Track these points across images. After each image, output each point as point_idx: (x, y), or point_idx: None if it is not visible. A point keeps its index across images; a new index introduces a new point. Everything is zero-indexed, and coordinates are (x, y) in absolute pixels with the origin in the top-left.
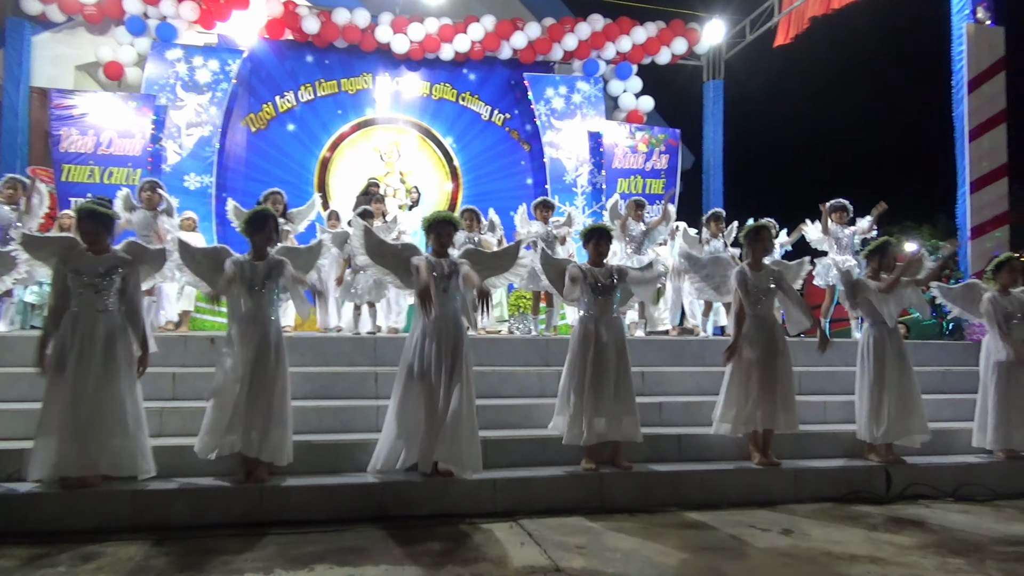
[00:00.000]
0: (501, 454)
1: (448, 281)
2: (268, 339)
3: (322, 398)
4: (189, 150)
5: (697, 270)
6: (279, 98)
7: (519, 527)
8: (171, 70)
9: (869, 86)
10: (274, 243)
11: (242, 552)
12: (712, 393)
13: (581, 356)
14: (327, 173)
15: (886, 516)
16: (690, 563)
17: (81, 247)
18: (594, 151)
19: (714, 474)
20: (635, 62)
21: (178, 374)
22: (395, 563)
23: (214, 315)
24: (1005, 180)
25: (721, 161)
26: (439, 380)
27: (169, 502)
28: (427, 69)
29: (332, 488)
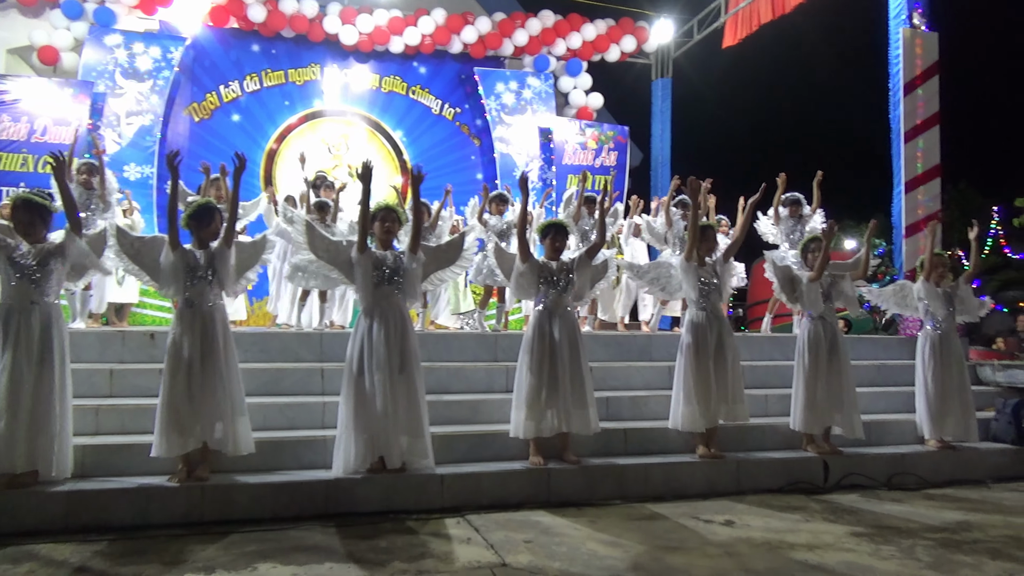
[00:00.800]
0: (449, 450)
1: (394, 273)
2: (214, 328)
3: (267, 395)
4: (129, 139)
5: (641, 277)
6: (224, 88)
7: (466, 522)
8: (110, 56)
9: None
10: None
11: (183, 552)
12: (658, 388)
13: (535, 350)
14: (274, 165)
15: (824, 505)
16: (635, 555)
17: (16, 237)
18: (544, 147)
19: (659, 467)
20: (585, 59)
21: (116, 370)
22: (340, 561)
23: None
24: (938, 180)
25: (669, 158)
26: (389, 375)
27: (107, 502)
28: (376, 61)
29: (277, 486)
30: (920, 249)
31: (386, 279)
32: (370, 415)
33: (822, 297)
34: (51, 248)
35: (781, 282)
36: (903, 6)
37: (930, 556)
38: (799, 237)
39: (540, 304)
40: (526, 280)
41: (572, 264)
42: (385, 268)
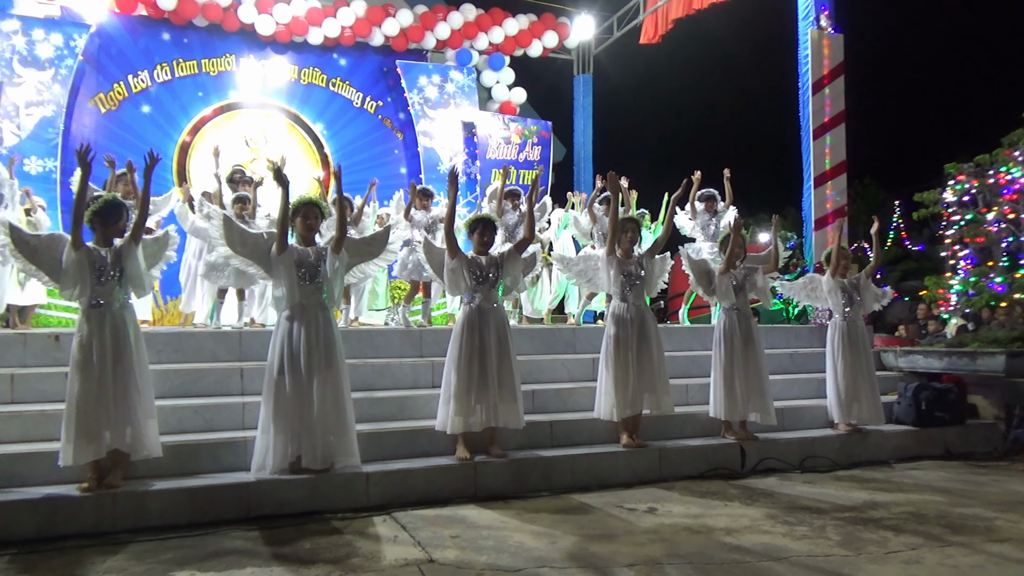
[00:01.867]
0: (375, 448)
1: (316, 270)
2: (124, 329)
3: (182, 396)
4: (29, 131)
5: (570, 268)
6: (132, 77)
7: (393, 520)
8: (7, 43)
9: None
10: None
11: (94, 563)
12: (582, 380)
13: (464, 345)
14: (187, 158)
15: (741, 490)
16: (562, 545)
17: None
18: (468, 141)
19: (584, 458)
20: (507, 54)
21: (17, 375)
22: (263, 565)
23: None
24: (844, 176)
25: (591, 153)
26: (312, 373)
27: (9, 514)
28: (295, 53)
29: (194, 490)
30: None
31: (308, 277)
32: (291, 414)
33: (735, 289)
34: None
35: (697, 275)
36: (811, 8)
37: (839, 535)
38: (715, 231)
39: (469, 299)
40: (457, 275)
41: (501, 259)
42: (307, 266)
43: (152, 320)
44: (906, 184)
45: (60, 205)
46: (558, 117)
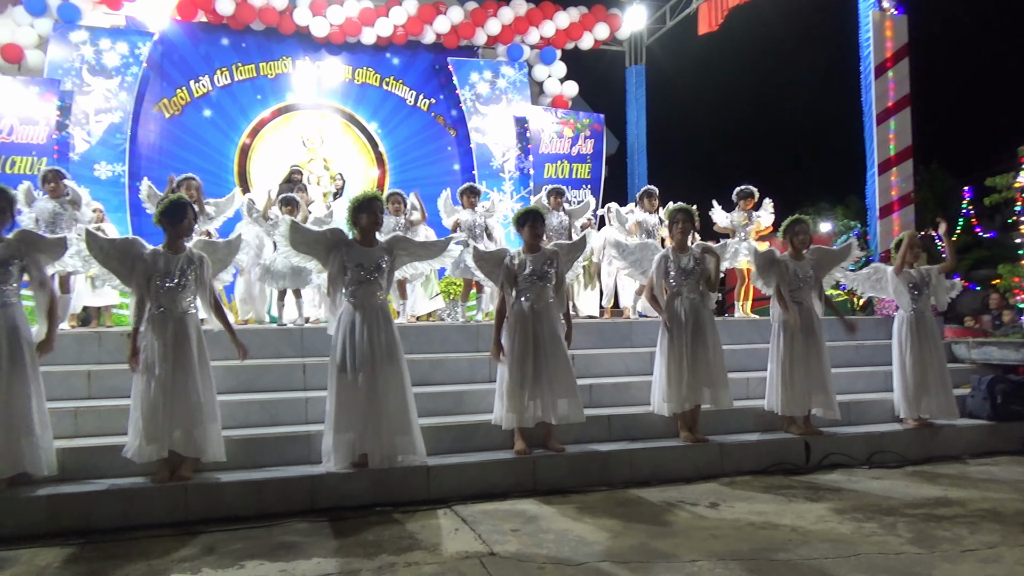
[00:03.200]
0: (434, 441)
1: (377, 267)
2: (187, 334)
3: (248, 392)
4: (99, 137)
5: (625, 256)
6: (194, 82)
7: (453, 513)
8: (76, 53)
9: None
10: (191, 234)
11: (168, 553)
12: (639, 373)
13: (517, 341)
14: (247, 160)
15: (806, 485)
16: (622, 539)
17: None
18: (521, 136)
19: (643, 452)
20: (559, 47)
21: (93, 372)
22: (328, 556)
23: None
24: (910, 162)
25: (645, 145)
26: (375, 369)
27: (89, 505)
28: (349, 53)
29: (261, 483)
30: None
31: (369, 273)
32: (356, 411)
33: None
34: (13, 248)
35: (760, 267)
36: None
37: (911, 532)
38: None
39: (520, 295)
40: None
41: (552, 255)
42: (367, 262)
43: None
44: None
45: (129, 208)
46: (610, 109)
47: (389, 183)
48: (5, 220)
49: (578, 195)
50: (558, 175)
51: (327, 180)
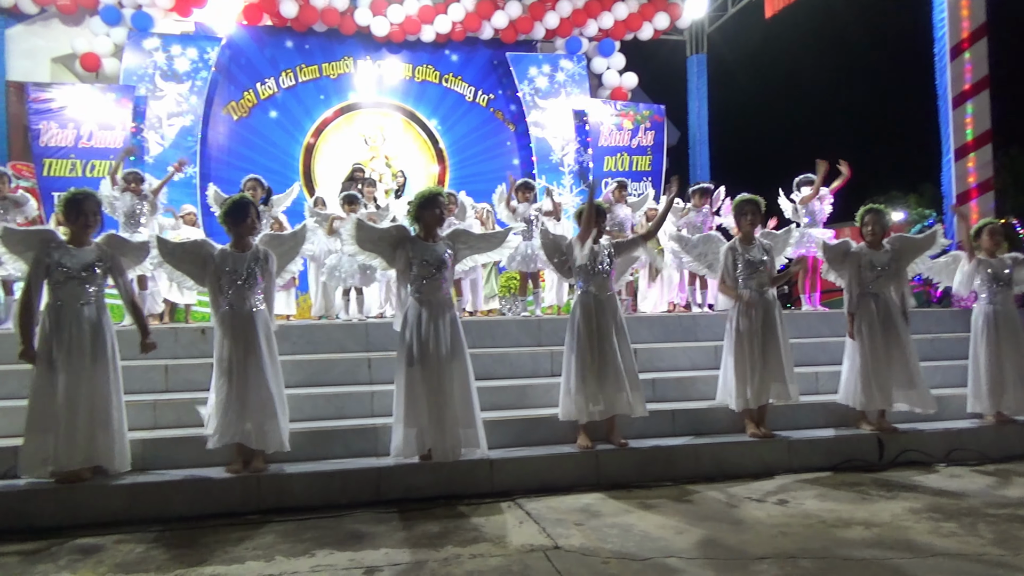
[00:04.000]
0: (497, 435)
1: (440, 263)
2: (255, 330)
3: (315, 385)
4: (171, 140)
5: (688, 250)
6: (260, 85)
7: (517, 506)
8: (149, 60)
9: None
10: (256, 232)
11: (242, 541)
12: (704, 368)
13: (581, 334)
14: (312, 159)
15: (879, 483)
16: (688, 535)
17: (60, 240)
18: (580, 129)
19: (709, 447)
20: (617, 39)
21: (170, 366)
22: (395, 546)
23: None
24: (989, 147)
25: (707, 135)
26: (440, 363)
27: (167, 494)
28: (408, 51)
29: (329, 474)
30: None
31: (433, 268)
32: (422, 405)
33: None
34: (99, 250)
35: (831, 259)
36: None
37: (993, 533)
38: (821, 216)
39: (583, 288)
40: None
41: (616, 248)
42: (431, 257)
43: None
44: None
45: (200, 208)
46: (671, 100)
47: (449, 179)
48: (93, 224)
49: (639, 188)
50: (618, 168)
51: (389, 177)
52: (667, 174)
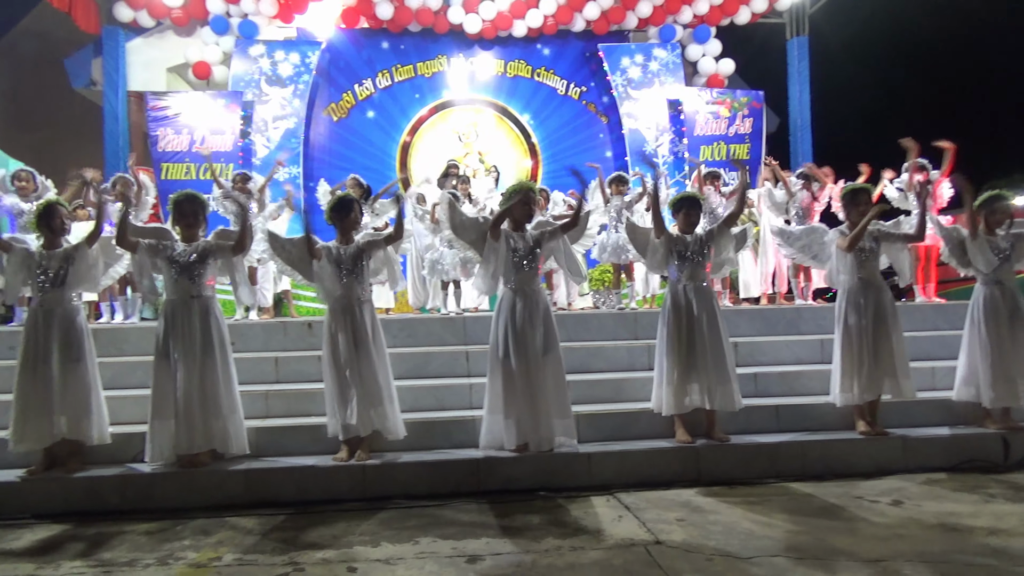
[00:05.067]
0: (593, 429)
1: (531, 254)
2: (364, 321)
3: (416, 377)
4: (276, 142)
5: (791, 243)
6: (358, 86)
7: (616, 500)
8: (255, 66)
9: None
10: (359, 228)
11: (350, 527)
12: (809, 362)
13: (673, 326)
14: (408, 157)
15: (1005, 485)
16: (795, 535)
17: (173, 237)
18: (674, 119)
19: (816, 444)
20: (713, 24)
21: (280, 358)
22: (495, 536)
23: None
24: None
25: (809, 121)
26: (534, 355)
27: (280, 479)
28: (500, 47)
29: (432, 464)
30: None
31: (525, 262)
32: (516, 397)
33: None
34: (207, 246)
35: (950, 245)
36: None
37: None
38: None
39: (675, 278)
40: (660, 254)
41: (707, 237)
42: (523, 250)
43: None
44: None
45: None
46: (770, 86)
47: (542, 173)
48: (200, 223)
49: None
50: (714, 157)
51: (482, 173)
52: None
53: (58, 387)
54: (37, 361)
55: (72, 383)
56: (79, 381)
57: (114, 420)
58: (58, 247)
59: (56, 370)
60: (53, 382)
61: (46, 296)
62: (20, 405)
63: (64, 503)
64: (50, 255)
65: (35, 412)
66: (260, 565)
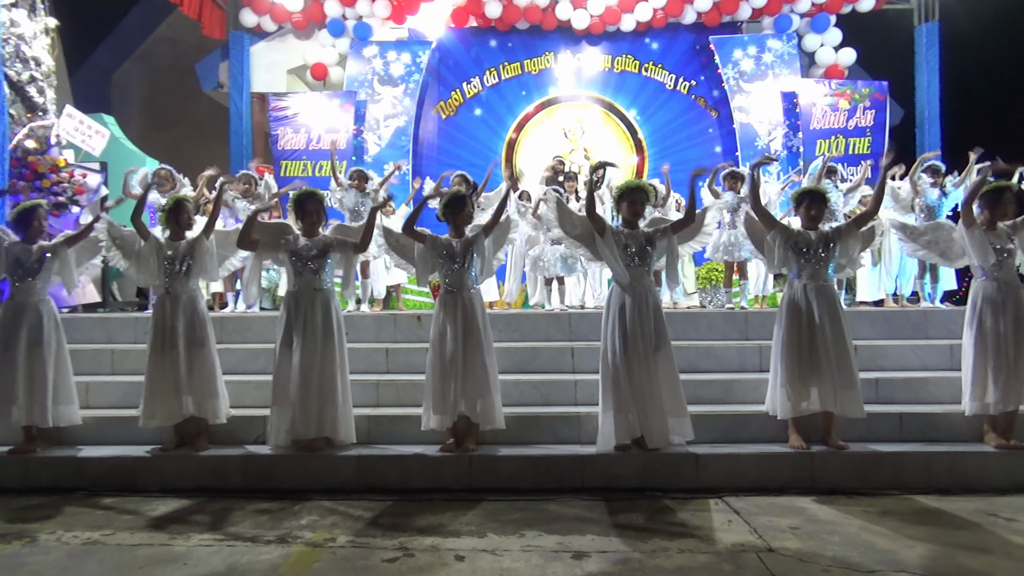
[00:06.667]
0: (703, 430)
1: (642, 252)
2: (474, 311)
3: (521, 372)
4: (387, 141)
5: (915, 239)
6: (466, 84)
7: (725, 504)
8: (368, 66)
9: None
10: (471, 221)
11: (456, 516)
12: (936, 368)
13: (791, 325)
14: (514, 154)
15: None
16: (920, 550)
17: (294, 232)
18: (789, 112)
19: (944, 456)
20: (833, 12)
21: (391, 349)
22: (601, 534)
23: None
24: None
25: (938, 113)
26: (645, 353)
27: (389, 467)
28: (608, 42)
29: (536, 459)
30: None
31: (637, 258)
32: (628, 394)
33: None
34: (328, 241)
35: None
36: None
37: None
38: None
39: (795, 277)
40: (778, 251)
41: (832, 234)
42: (635, 247)
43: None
44: None
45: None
46: (894, 76)
47: (648, 169)
48: (321, 219)
49: (855, 172)
50: (832, 152)
51: (588, 169)
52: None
53: (184, 369)
54: (165, 345)
55: (197, 365)
56: (204, 363)
57: (238, 403)
58: (182, 239)
59: (182, 353)
60: (180, 364)
61: (172, 284)
62: (150, 385)
63: (192, 479)
64: (175, 246)
65: (164, 392)
66: (372, 548)
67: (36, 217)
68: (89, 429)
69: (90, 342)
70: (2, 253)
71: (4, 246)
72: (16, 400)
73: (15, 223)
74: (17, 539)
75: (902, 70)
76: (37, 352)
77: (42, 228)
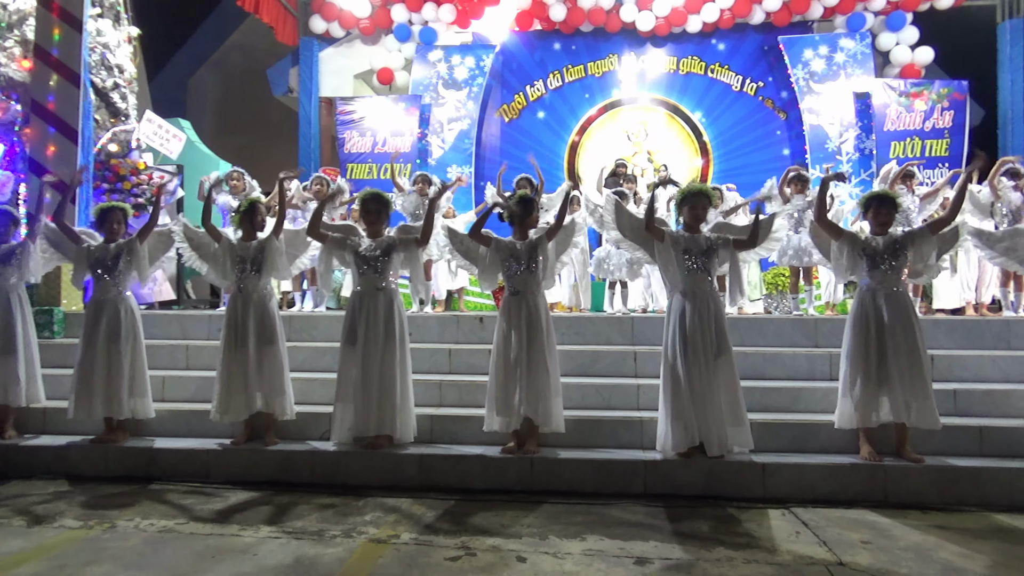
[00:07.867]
0: (769, 438)
1: (704, 258)
2: (539, 314)
3: (583, 375)
4: (450, 143)
5: (992, 245)
6: (529, 87)
7: (792, 515)
8: (433, 70)
9: None
10: (536, 224)
11: (517, 518)
12: (1020, 381)
13: (859, 333)
14: (576, 157)
15: None
16: (1002, 572)
17: (359, 233)
18: (861, 113)
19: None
20: (910, 10)
21: (453, 350)
22: (664, 541)
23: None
24: None
25: (1023, 113)
26: (705, 359)
27: (451, 466)
28: (673, 44)
29: (599, 463)
30: None
31: (696, 262)
32: (687, 401)
33: None
34: (391, 241)
35: None
36: None
37: None
38: None
39: (865, 284)
40: (845, 259)
41: (904, 240)
42: (695, 252)
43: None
44: None
45: (474, 205)
46: (975, 75)
47: (713, 172)
48: (384, 220)
49: (932, 176)
50: (907, 154)
51: (651, 172)
52: (968, 159)
53: (254, 366)
54: (237, 342)
55: (267, 363)
56: (273, 360)
57: (304, 400)
58: (253, 240)
59: (253, 350)
60: (250, 361)
61: (244, 283)
62: (223, 381)
63: (261, 472)
64: (247, 247)
65: (236, 388)
66: (435, 546)
67: (112, 219)
68: (164, 422)
69: (166, 338)
70: (84, 255)
71: (88, 248)
72: (96, 392)
73: (96, 224)
74: (99, 524)
75: (983, 69)
76: (115, 347)
77: (119, 229)
